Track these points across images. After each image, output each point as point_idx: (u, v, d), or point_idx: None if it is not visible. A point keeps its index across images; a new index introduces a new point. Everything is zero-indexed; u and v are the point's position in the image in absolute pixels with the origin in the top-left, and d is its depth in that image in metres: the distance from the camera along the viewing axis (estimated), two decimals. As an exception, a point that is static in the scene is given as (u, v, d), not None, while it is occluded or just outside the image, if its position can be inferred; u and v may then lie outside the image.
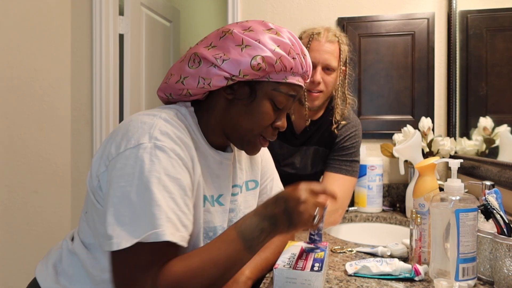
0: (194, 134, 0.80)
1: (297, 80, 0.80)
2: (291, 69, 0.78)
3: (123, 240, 0.63)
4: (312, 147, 1.42)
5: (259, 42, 0.75)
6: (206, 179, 0.81)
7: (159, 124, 0.72)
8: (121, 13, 2.11)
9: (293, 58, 0.77)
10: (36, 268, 0.84)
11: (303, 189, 0.73)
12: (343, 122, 1.39)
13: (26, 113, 1.76)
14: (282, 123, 0.82)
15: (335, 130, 1.39)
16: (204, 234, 0.80)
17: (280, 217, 0.71)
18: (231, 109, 0.80)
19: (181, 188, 0.70)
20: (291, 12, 1.91)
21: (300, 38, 1.35)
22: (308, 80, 0.85)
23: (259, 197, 0.99)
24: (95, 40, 1.98)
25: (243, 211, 0.91)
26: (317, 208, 0.73)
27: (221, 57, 0.75)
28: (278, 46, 0.76)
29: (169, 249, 0.67)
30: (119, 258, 0.65)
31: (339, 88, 1.35)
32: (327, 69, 1.29)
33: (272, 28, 0.78)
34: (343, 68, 1.37)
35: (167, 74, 0.84)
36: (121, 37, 2.10)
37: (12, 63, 1.69)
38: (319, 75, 1.28)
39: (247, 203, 0.93)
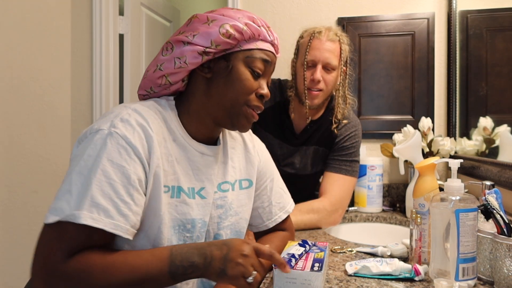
0: (172, 125, 0.81)
1: (268, 47, 0.83)
2: (259, 35, 0.81)
3: (51, 216, 0.66)
4: (312, 147, 1.42)
5: (223, 15, 0.80)
6: (186, 171, 0.81)
7: (124, 113, 0.74)
8: (121, 13, 2.11)
9: (259, 26, 0.81)
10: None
11: (250, 247, 0.72)
12: (344, 121, 1.39)
13: (26, 113, 1.76)
14: (266, 92, 0.83)
15: (335, 130, 1.39)
16: (179, 226, 0.79)
17: (216, 261, 0.70)
18: (211, 88, 0.82)
19: (124, 176, 0.70)
20: (291, 12, 1.91)
21: (302, 37, 1.36)
22: (279, 55, 0.89)
23: (258, 199, 0.98)
24: (95, 40, 1.98)
25: (235, 209, 0.90)
26: (255, 270, 0.71)
27: (191, 34, 0.79)
28: (242, 16, 0.80)
29: (94, 235, 0.67)
30: (45, 231, 0.67)
31: (340, 88, 1.35)
32: (327, 68, 1.30)
33: (233, 8, 0.84)
34: (344, 68, 1.37)
35: (144, 73, 0.87)
36: (121, 37, 2.10)
37: (12, 63, 1.69)
38: (319, 73, 1.28)
39: (239, 201, 0.92)
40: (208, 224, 0.85)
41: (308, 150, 1.42)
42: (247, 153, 0.96)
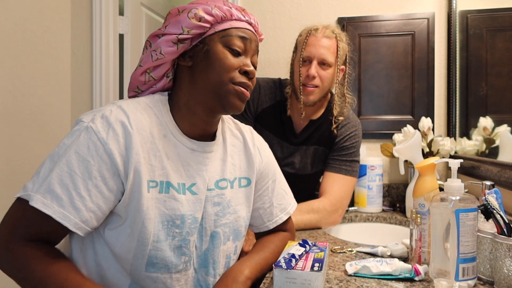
0: (163, 121, 0.81)
1: (243, 25, 0.83)
2: (232, 15, 0.82)
3: (20, 192, 0.71)
4: (312, 146, 1.42)
5: (193, 4, 0.81)
6: (176, 167, 0.80)
7: (107, 109, 0.76)
8: (121, 13, 2.11)
9: (230, 7, 0.81)
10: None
11: None
12: (341, 118, 1.39)
13: (26, 113, 1.76)
14: (249, 68, 0.82)
15: (335, 130, 1.39)
16: (168, 222, 0.78)
17: None
18: (195, 75, 0.81)
19: (86, 171, 0.71)
20: (291, 12, 1.91)
21: (300, 35, 1.38)
22: (262, 37, 0.90)
23: (260, 199, 0.97)
24: (95, 40, 1.98)
25: (233, 207, 0.89)
26: None
27: (164, 26, 0.81)
28: (212, 1, 0.81)
29: (45, 222, 0.69)
30: (12, 205, 0.73)
31: (337, 86, 1.35)
32: (323, 63, 1.30)
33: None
34: (343, 66, 1.36)
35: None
36: (121, 37, 2.10)
37: (12, 63, 1.68)
38: (314, 69, 1.29)
39: (238, 199, 0.90)
40: (204, 221, 0.83)
41: (308, 150, 1.42)
42: (247, 152, 0.94)
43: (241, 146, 0.94)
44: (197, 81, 0.81)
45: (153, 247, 0.76)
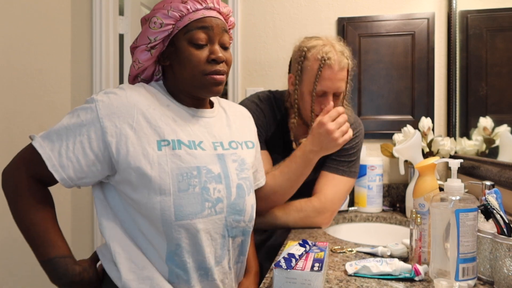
0: (163, 97, 0.93)
1: (201, 14, 0.89)
2: (188, 9, 0.88)
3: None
4: None
5: (154, 10, 0.90)
6: (184, 128, 0.91)
7: (111, 88, 0.89)
8: (121, 13, 2.11)
9: (184, 2, 0.88)
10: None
11: None
12: None
13: (26, 113, 1.76)
14: (215, 55, 0.89)
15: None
16: (186, 174, 0.86)
17: None
18: (174, 71, 0.92)
19: (79, 128, 0.84)
20: (291, 12, 1.91)
21: (305, 57, 1.24)
22: (226, 12, 0.93)
23: (253, 163, 1.06)
24: (95, 40, 1.98)
25: (247, 164, 0.99)
26: None
27: (136, 39, 0.92)
28: (168, 3, 0.89)
29: (38, 161, 0.83)
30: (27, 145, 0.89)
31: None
32: (336, 94, 1.26)
33: None
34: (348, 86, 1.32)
35: None
36: (121, 37, 2.10)
37: (12, 63, 1.69)
38: (331, 104, 1.23)
39: (249, 159, 1.01)
40: (228, 174, 0.92)
41: None
42: (246, 121, 1.08)
43: (240, 116, 1.07)
44: (176, 76, 0.92)
45: (177, 196, 0.84)
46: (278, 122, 1.35)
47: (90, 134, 0.83)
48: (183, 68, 0.90)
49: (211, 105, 1.02)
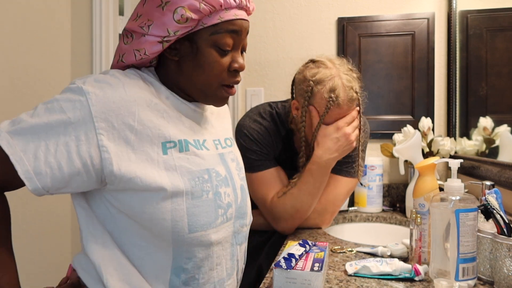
0: (163, 88, 0.79)
1: (234, 15, 0.75)
2: (221, 6, 0.73)
3: None
4: None
5: None
6: (188, 125, 0.79)
7: (100, 75, 0.73)
8: (121, 13, 2.11)
9: None
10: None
11: None
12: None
13: (26, 113, 1.76)
14: (239, 64, 0.77)
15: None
16: (198, 178, 0.75)
17: None
18: (182, 68, 0.77)
19: (63, 126, 0.67)
20: (291, 12, 1.91)
21: (311, 91, 1.17)
22: (251, 11, 0.80)
23: None
24: (95, 40, 1.98)
25: (241, 163, 0.91)
26: None
27: (145, 24, 0.73)
28: None
29: (2, 161, 0.66)
30: None
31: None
32: None
33: None
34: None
35: (114, 56, 0.83)
36: (121, 37, 2.10)
37: (12, 63, 1.69)
38: None
39: (240, 157, 0.93)
40: (231, 175, 0.83)
41: None
42: (227, 115, 0.98)
43: (224, 109, 0.97)
44: (184, 75, 0.78)
45: (190, 205, 0.73)
46: (283, 138, 1.33)
47: (79, 136, 0.66)
48: (199, 71, 0.76)
49: None
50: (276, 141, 1.31)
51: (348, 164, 1.33)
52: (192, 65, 0.76)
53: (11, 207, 0.78)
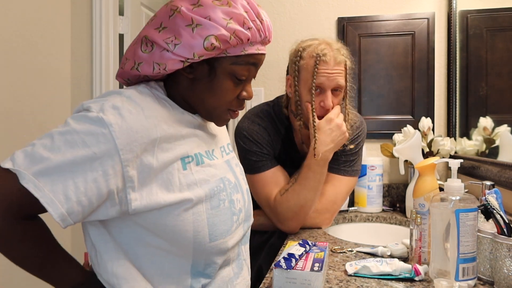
0: (168, 104, 0.79)
1: (256, 49, 0.78)
2: (248, 40, 0.75)
3: (7, 161, 0.65)
4: None
5: (209, 19, 0.71)
6: (198, 138, 0.81)
7: (116, 99, 0.70)
8: (121, 13, 2.11)
9: (249, 28, 0.74)
10: None
11: None
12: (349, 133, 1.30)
13: (26, 113, 1.76)
14: (248, 94, 0.81)
15: (351, 146, 1.33)
16: (216, 188, 0.78)
17: None
18: (194, 87, 0.79)
19: (89, 161, 0.65)
20: (291, 12, 1.91)
21: (301, 57, 1.24)
22: (269, 43, 0.82)
23: None
24: (95, 40, 1.98)
25: (242, 167, 0.94)
26: None
27: (172, 41, 0.72)
28: (230, 19, 0.72)
29: (30, 206, 0.64)
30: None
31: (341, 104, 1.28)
32: (335, 90, 1.24)
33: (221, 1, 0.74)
34: (349, 85, 1.30)
35: (122, 59, 0.81)
36: (121, 37, 2.10)
37: (12, 63, 1.69)
38: (329, 100, 1.22)
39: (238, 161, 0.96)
40: (238, 181, 0.86)
41: None
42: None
43: None
44: (195, 93, 0.79)
45: (210, 214, 0.75)
46: (282, 137, 1.33)
47: (106, 170, 0.65)
48: (211, 95, 0.78)
49: None
50: (275, 140, 1.32)
51: (346, 164, 1.33)
52: (206, 87, 0.78)
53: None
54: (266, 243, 1.33)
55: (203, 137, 0.82)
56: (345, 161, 1.33)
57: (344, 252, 1.06)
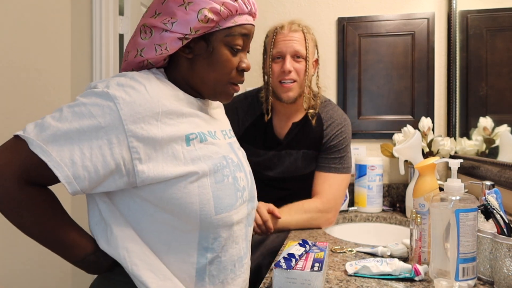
0: (171, 86, 0.82)
1: (246, 20, 0.84)
2: (237, 11, 0.81)
3: (20, 131, 0.73)
4: (301, 151, 1.40)
5: None
6: (201, 119, 0.84)
7: (121, 78, 0.76)
8: (121, 13, 2.11)
9: (235, 0, 0.81)
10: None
11: None
12: (311, 111, 1.38)
13: (26, 113, 1.76)
14: (246, 65, 0.86)
15: (313, 122, 1.39)
16: (220, 164, 0.80)
17: None
18: (194, 67, 0.83)
19: (95, 130, 0.70)
20: (291, 12, 1.91)
21: (267, 36, 1.40)
22: (257, 17, 0.89)
23: None
24: (95, 40, 1.98)
25: (244, 152, 0.96)
26: None
27: (169, 21, 0.78)
28: None
29: (38, 170, 0.69)
30: (7, 143, 0.75)
31: (307, 78, 1.35)
32: (296, 56, 1.32)
33: None
34: (315, 58, 1.39)
35: (124, 53, 0.87)
36: (121, 37, 2.10)
37: (12, 63, 1.69)
38: (289, 63, 1.31)
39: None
40: (241, 162, 0.89)
41: (297, 154, 1.41)
42: (224, 112, 1.03)
43: (221, 106, 1.02)
44: (195, 72, 0.84)
45: (215, 188, 0.78)
46: (256, 117, 1.43)
47: (111, 139, 0.70)
48: (212, 69, 0.83)
49: None
50: (242, 120, 1.43)
51: (335, 161, 1.36)
52: (206, 63, 0.83)
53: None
54: (265, 243, 1.33)
55: (204, 118, 0.85)
56: (333, 158, 1.36)
57: (344, 252, 1.06)
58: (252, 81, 1.95)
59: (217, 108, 0.96)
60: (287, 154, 1.41)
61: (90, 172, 0.70)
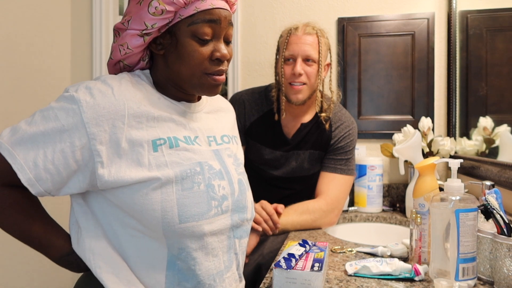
0: (150, 92, 0.81)
1: (210, 5, 0.77)
2: None
3: None
4: (307, 151, 1.41)
5: None
6: (177, 124, 0.81)
7: (91, 82, 0.76)
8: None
9: None
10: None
11: None
12: (323, 115, 1.38)
13: (26, 113, 1.76)
14: (221, 53, 0.79)
15: (326, 126, 1.38)
16: (190, 171, 0.77)
17: None
18: (168, 63, 0.81)
19: (59, 134, 0.72)
20: (291, 12, 1.91)
21: (281, 36, 1.39)
22: (234, 8, 0.83)
23: None
24: (95, 40, 1.98)
25: (240, 160, 0.93)
26: None
27: (126, 20, 0.78)
28: None
29: (8, 172, 0.71)
30: None
31: (321, 82, 1.35)
32: (307, 60, 1.31)
33: None
34: (328, 62, 1.39)
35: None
36: (121, 37, 2.10)
37: (12, 63, 1.69)
38: (299, 66, 1.30)
39: (240, 154, 0.95)
40: (227, 170, 0.85)
41: (304, 154, 1.41)
42: (229, 115, 1.00)
43: (226, 109, 0.99)
44: (170, 69, 0.81)
45: (180, 195, 0.75)
46: (264, 113, 1.42)
47: (73, 141, 0.71)
48: (181, 63, 0.79)
49: (198, 97, 0.91)
50: (249, 114, 1.42)
51: (342, 162, 1.37)
52: (176, 57, 0.79)
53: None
54: (265, 243, 1.33)
55: (182, 123, 0.82)
56: (340, 159, 1.37)
57: (344, 252, 1.06)
58: (251, 81, 1.96)
59: (212, 112, 0.92)
60: (294, 154, 1.41)
61: (53, 174, 0.72)
